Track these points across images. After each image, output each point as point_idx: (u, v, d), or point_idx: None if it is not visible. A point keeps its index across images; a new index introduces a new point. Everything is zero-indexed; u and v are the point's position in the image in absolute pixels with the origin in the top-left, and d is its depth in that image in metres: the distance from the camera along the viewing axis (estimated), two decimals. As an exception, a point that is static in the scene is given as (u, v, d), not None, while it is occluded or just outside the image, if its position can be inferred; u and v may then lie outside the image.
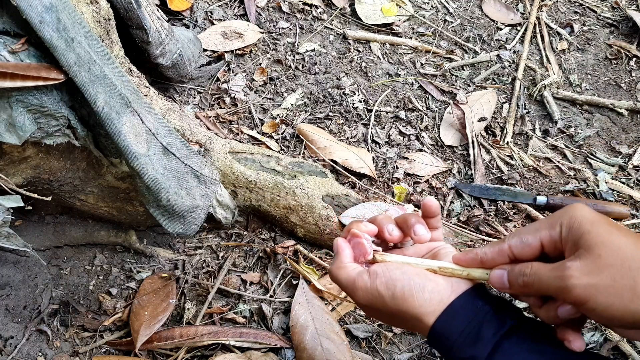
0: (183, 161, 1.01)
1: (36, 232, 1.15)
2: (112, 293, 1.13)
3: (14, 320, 1.07)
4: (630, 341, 1.06)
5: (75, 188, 1.02)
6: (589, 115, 1.49)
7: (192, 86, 1.44)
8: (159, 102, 1.19)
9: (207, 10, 1.59)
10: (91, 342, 1.06)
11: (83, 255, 1.18)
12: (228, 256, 1.17)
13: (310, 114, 1.42)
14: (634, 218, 1.27)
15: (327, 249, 1.18)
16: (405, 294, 0.58)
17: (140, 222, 1.16)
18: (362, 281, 0.62)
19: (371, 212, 1.13)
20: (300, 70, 1.49)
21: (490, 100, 1.47)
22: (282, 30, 1.58)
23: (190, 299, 1.11)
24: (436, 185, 1.31)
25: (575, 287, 0.49)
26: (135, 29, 1.19)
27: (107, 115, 0.84)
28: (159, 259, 1.18)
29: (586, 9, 1.74)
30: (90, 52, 0.81)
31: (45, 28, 0.74)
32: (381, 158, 1.35)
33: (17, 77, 0.74)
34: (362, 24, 1.62)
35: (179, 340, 1.03)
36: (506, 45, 1.62)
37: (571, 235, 0.52)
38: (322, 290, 1.10)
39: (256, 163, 1.15)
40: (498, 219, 1.26)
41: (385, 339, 1.07)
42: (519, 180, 1.33)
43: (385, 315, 0.62)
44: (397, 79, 1.51)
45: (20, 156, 0.85)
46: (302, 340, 1.02)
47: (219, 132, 1.34)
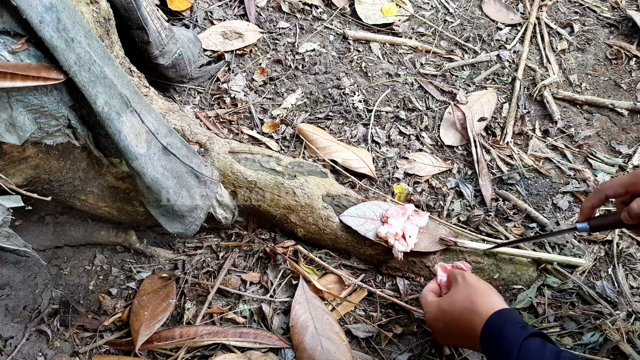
0: (183, 161, 1.01)
1: (36, 232, 1.15)
2: (112, 293, 1.13)
3: (14, 320, 1.07)
4: (630, 341, 1.06)
5: (75, 188, 1.02)
6: (589, 115, 1.49)
7: (192, 86, 1.44)
8: (159, 102, 1.19)
9: (207, 10, 1.59)
10: (91, 342, 1.06)
11: (83, 255, 1.18)
12: (228, 256, 1.17)
13: (310, 114, 1.42)
14: (634, 218, 1.27)
15: (327, 249, 1.18)
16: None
17: (140, 222, 1.16)
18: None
19: (372, 211, 1.13)
20: (300, 70, 1.49)
21: (490, 100, 1.47)
22: (282, 30, 1.58)
23: (190, 299, 1.11)
24: (436, 185, 1.31)
25: None
26: (135, 29, 1.19)
27: (107, 115, 0.84)
28: (159, 259, 1.18)
29: (586, 9, 1.74)
30: (90, 52, 0.81)
31: (45, 28, 0.74)
32: (381, 158, 1.35)
33: (17, 77, 0.74)
34: (362, 24, 1.62)
35: (179, 340, 1.03)
36: (506, 45, 1.62)
37: None
38: (322, 290, 1.10)
39: (256, 163, 1.15)
40: (498, 219, 1.26)
41: (385, 339, 1.07)
42: (519, 180, 1.33)
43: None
44: (397, 79, 1.51)
45: (20, 156, 0.85)
46: (302, 340, 1.02)
47: (219, 132, 1.34)
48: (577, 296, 1.13)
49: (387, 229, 1.09)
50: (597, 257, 1.19)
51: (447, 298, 0.93)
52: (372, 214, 1.13)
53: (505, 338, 0.79)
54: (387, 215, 1.11)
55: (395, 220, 1.10)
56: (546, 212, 1.27)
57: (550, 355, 0.75)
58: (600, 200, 0.90)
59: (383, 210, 1.13)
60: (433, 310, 0.94)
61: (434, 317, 0.94)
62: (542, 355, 0.75)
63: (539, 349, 0.77)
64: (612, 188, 0.87)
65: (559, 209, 1.28)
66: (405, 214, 1.12)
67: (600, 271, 1.18)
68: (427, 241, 1.11)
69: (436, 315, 0.93)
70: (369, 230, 1.11)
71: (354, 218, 1.12)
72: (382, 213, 1.13)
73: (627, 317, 1.09)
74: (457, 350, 1.05)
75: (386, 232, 1.09)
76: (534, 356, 0.76)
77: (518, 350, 0.77)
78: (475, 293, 0.89)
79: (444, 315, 0.91)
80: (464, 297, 0.89)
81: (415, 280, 1.14)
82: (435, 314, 0.93)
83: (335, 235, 1.14)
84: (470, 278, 0.94)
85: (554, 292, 1.13)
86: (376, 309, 1.11)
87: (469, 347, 0.98)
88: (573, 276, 1.15)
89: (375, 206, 1.14)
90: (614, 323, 1.07)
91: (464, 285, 0.92)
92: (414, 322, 1.10)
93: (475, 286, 0.91)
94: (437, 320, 0.93)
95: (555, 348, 0.77)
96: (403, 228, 1.09)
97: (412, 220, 1.11)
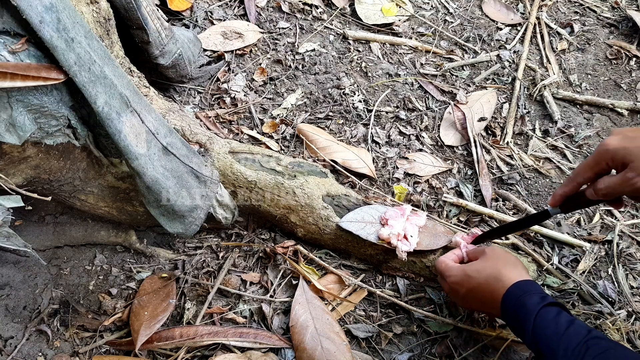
0: (183, 161, 1.01)
1: (36, 232, 1.15)
2: (112, 293, 1.13)
3: (14, 320, 1.07)
4: (630, 341, 1.06)
5: (75, 188, 1.02)
6: (589, 115, 1.49)
7: (192, 86, 1.44)
8: (159, 102, 1.19)
9: (207, 10, 1.59)
10: (91, 342, 1.06)
11: (83, 255, 1.18)
12: (228, 256, 1.17)
13: (310, 114, 1.42)
14: (634, 218, 1.27)
15: (327, 249, 1.18)
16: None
17: (140, 222, 1.16)
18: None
19: (370, 215, 1.13)
20: (300, 70, 1.49)
21: (490, 100, 1.47)
22: (282, 30, 1.58)
23: (190, 299, 1.11)
24: (436, 185, 1.31)
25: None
26: (135, 29, 1.19)
27: (107, 115, 0.84)
28: (159, 259, 1.18)
29: (586, 9, 1.74)
30: (90, 52, 0.81)
31: (45, 28, 0.74)
32: (381, 158, 1.35)
33: (17, 77, 0.74)
34: (362, 24, 1.62)
35: (179, 340, 1.03)
36: (506, 45, 1.62)
37: (616, 162, 0.82)
38: (322, 290, 1.10)
39: (256, 163, 1.15)
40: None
41: (385, 339, 1.07)
42: (519, 180, 1.33)
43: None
44: (397, 79, 1.51)
45: (20, 156, 0.85)
46: (302, 340, 1.02)
47: (219, 132, 1.34)
48: (577, 296, 1.13)
49: (389, 230, 1.09)
50: (597, 257, 1.19)
51: (474, 265, 0.97)
52: (371, 218, 1.13)
53: (523, 305, 0.85)
54: (387, 218, 1.11)
55: (395, 222, 1.10)
56: (546, 212, 1.27)
57: (564, 323, 0.81)
58: (572, 189, 0.91)
59: (381, 213, 1.13)
60: (458, 274, 0.97)
61: (457, 281, 0.97)
62: (556, 323, 0.81)
63: (555, 317, 0.82)
64: (581, 174, 0.89)
65: (559, 209, 1.28)
66: (404, 215, 1.12)
67: (600, 271, 1.18)
68: (428, 240, 1.11)
69: (461, 280, 0.96)
70: (370, 234, 1.11)
71: (353, 223, 1.12)
72: (380, 216, 1.13)
73: (627, 317, 1.09)
74: (458, 350, 1.05)
75: (388, 234, 1.09)
76: (549, 322, 0.81)
77: (534, 318, 0.83)
78: (503, 264, 0.94)
79: (469, 281, 0.95)
80: (491, 265, 0.94)
81: (415, 280, 1.14)
82: (460, 278, 0.97)
83: (335, 235, 1.14)
84: (499, 250, 0.99)
85: (554, 292, 1.13)
86: (376, 309, 1.11)
87: (488, 313, 1.02)
88: (574, 276, 1.15)
89: (372, 210, 1.14)
90: (614, 323, 1.08)
91: (492, 255, 0.97)
92: (414, 322, 1.10)
93: (504, 258, 0.96)
94: (461, 285, 0.96)
95: (569, 317, 0.82)
96: (404, 228, 1.10)
97: (412, 220, 1.11)
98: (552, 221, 1.24)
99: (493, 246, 1.01)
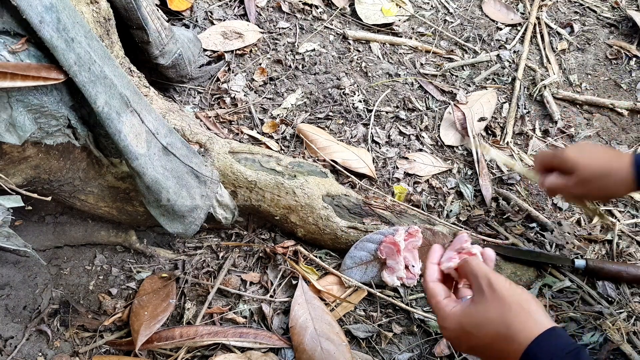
0: (183, 161, 1.01)
1: (36, 232, 1.15)
2: (112, 293, 1.13)
3: (14, 320, 1.07)
4: (630, 341, 1.06)
5: (75, 188, 1.02)
6: (589, 115, 1.49)
7: (192, 86, 1.44)
8: (159, 102, 1.19)
9: (207, 10, 1.59)
10: (91, 342, 1.06)
11: (83, 255, 1.18)
12: (228, 256, 1.17)
13: (310, 114, 1.42)
14: (634, 218, 1.27)
15: (327, 249, 1.18)
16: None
17: (140, 222, 1.16)
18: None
19: (365, 251, 1.12)
20: (300, 70, 1.49)
21: (490, 100, 1.47)
22: (282, 30, 1.58)
23: (190, 299, 1.11)
24: (436, 185, 1.31)
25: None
26: (135, 29, 1.19)
27: (107, 115, 0.84)
28: (159, 259, 1.18)
29: (586, 9, 1.74)
30: (90, 52, 0.81)
31: (45, 28, 0.74)
32: (381, 158, 1.35)
33: (17, 77, 0.74)
34: (362, 24, 1.62)
35: (179, 340, 1.03)
36: (506, 45, 1.62)
37: (564, 167, 0.95)
38: (321, 291, 1.10)
39: (256, 163, 1.15)
40: (498, 219, 1.26)
41: (385, 339, 1.07)
42: (519, 180, 1.33)
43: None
44: (397, 79, 1.51)
45: (20, 156, 0.85)
46: (301, 341, 1.02)
47: (219, 132, 1.34)
48: (577, 296, 1.13)
49: (391, 276, 1.09)
50: (597, 257, 1.19)
51: (471, 315, 0.71)
52: (367, 255, 1.12)
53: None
54: (383, 257, 1.09)
55: (393, 262, 1.08)
56: (546, 212, 1.27)
57: None
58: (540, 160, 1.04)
59: (375, 244, 1.11)
60: (453, 327, 0.73)
61: (456, 337, 0.73)
62: None
63: None
64: (540, 156, 1.01)
65: (559, 209, 1.28)
66: (398, 247, 1.07)
67: (600, 271, 1.18)
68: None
69: (458, 336, 0.73)
70: (374, 276, 1.11)
71: (353, 270, 1.12)
72: (376, 247, 1.10)
73: (628, 318, 1.09)
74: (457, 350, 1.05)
75: (392, 282, 1.09)
76: None
77: None
78: (510, 312, 0.68)
79: (469, 338, 0.71)
80: (495, 319, 0.69)
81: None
82: (456, 333, 0.73)
83: (335, 235, 1.14)
84: (500, 286, 0.71)
85: (554, 292, 1.13)
86: (376, 309, 1.11)
87: None
88: (573, 276, 1.15)
89: (366, 243, 1.11)
90: (614, 323, 1.08)
91: (493, 299, 0.70)
92: (414, 322, 1.10)
93: (509, 302, 0.69)
94: (459, 341, 0.73)
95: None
96: (406, 260, 1.09)
97: (409, 245, 1.09)
98: (552, 221, 1.24)
99: (491, 278, 0.71)
